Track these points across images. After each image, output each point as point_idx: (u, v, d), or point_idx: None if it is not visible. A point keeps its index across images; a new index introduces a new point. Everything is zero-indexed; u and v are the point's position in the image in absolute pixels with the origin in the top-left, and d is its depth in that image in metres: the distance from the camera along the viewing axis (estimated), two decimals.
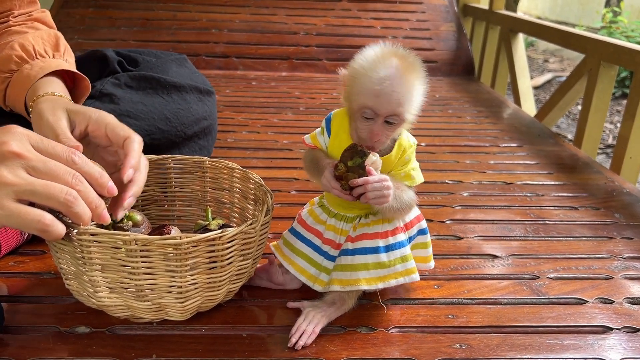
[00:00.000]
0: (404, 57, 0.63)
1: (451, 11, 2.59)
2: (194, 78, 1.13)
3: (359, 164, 0.63)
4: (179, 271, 0.61)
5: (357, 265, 0.69)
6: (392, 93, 0.61)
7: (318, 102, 1.89)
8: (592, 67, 1.60)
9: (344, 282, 0.69)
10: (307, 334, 0.67)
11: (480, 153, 1.46)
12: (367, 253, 0.69)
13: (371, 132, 0.63)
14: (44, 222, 0.54)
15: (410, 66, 0.63)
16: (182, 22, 2.37)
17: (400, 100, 0.61)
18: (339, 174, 0.64)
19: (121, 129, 0.66)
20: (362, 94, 0.62)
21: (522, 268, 0.88)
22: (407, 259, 0.70)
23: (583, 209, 1.12)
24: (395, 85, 0.61)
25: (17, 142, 0.54)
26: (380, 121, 0.63)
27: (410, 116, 0.64)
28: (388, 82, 0.61)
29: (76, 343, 0.64)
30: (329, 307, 0.70)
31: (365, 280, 0.68)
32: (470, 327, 0.72)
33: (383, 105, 0.62)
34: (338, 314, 0.71)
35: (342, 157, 0.64)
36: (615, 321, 0.74)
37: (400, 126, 0.65)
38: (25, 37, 0.82)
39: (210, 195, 0.85)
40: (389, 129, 0.64)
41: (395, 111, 0.62)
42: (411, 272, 0.70)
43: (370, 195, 0.63)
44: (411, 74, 0.62)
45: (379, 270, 0.69)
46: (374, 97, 0.61)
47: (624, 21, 4.67)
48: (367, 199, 0.64)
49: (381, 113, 0.62)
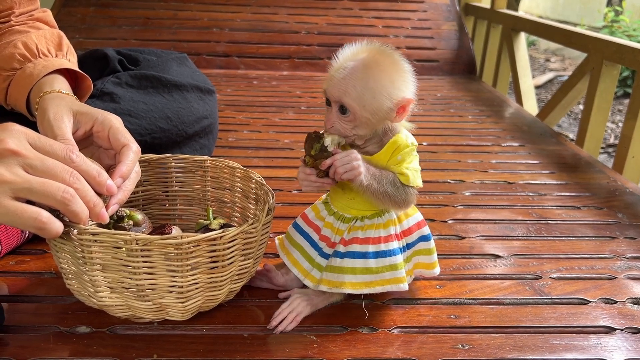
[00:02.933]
0: (379, 54, 0.64)
1: (453, 10, 2.58)
2: (194, 77, 1.12)
3: (320, 148, 0.64)
4: (180, 271, 0.61)
5: (344, 269, 0.69)
6: (341, 80, 0.63)
7: (319, 101, 1.88)
8: (595, 66, 1.59)
9: (331, 284, 0.69)
10: (288, 320, 0.68)
11: (482, 152, 1.45)
12: (356, 257, 0.69)
13: (326, 118, 0.66)
14: (41, 219, 0.53)
15: (379, 65, 0.63)
16: (183, 21, 2.37)
17: (348, 89, 0.63)
18: (311, 166, 0.66)
19: (122, 135, 0.66)
20: (325, 78, 0.66)
21: (524, 268, 0.87)
22: (397, 267, 0.69)
23: (586, 209, 1.12)
24: (348, 75, 0.63)
25: (14, 139, 0.54)
26: (334, 108, 0.65)
27: (364, 112, 0.63)
28: (342, 70, 0.63)
29: (77, 343, 0.64)
30: (317, 296, 0.71)
31: (350, 284, 0.68)
32: (472, 327, 0.72)
33: (331, 90, 0.64)
34: (325, 304, 0.72)
35: (305, 150, 0.66)
36: (619, 322, 0.74)
37: (357, 121, 0.64)
38: (28, 36, 0.82)
39: (212, 195, 0.85)
40: (343, 119, 0.65)
41: (340, 99, 0.63)
42: (399, 281, 0.69)
43: (340, 170, 0.63)
44: (376, 72, 0.63)
45: (366, 276, 0.69)
46: (327, 81, 0.65)
47: (625, 20, 4.67)
48: (339, 175, 0.64)
49: (330, 97, 0.65)
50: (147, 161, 0.82)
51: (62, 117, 0.66)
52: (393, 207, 0.69)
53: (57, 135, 0.63)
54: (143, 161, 0.81)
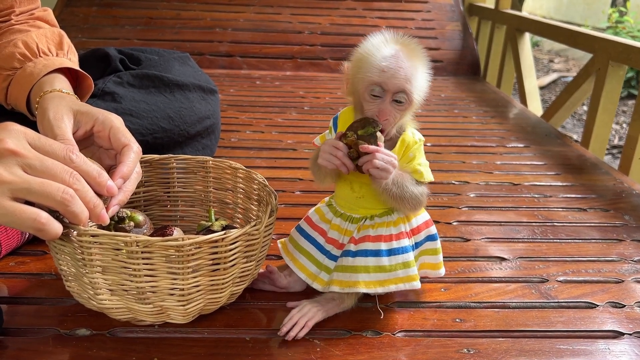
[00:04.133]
0: (405, 43, 0.65)
1: (457, 10, 2.57)
2: (197, 76, 1.11)
3: (372, 133, 0.63)
4: (181, 273, 0.60)
5: (357, 267, 0.67)
6: (399, 69, 0.62)
7: (323, 102, 1.88)
8: (601, 66, 1.58)
9: (343, 284, 0.68)
10: (299, 326, 0.66)
11: (486, 153, 1.44)
12: (368, 255, 0.67)
13: (380, 111, 0.64)
14: (40, 220, 0.53)
15: (413, 50, 0.64)
16: (186, 21, 2.36)
17: (407, 76, 0.62)
18: (347, 142, 0.64)
19: (123, 135, 0.65)
20: (369, 72, 0.63)
21: (530, 271, 0.86)
22: (410, 265, 0.68)
23: (592, 211, 1.10)
24: (401, 62, 0.62)
25: (13, 139, 0.53)
26: (389, 99, 0.63)
27: (418, 97, 0.64)
28: (393, 59, 0.62)
29: (76, 346, 0.63)
30: (327, 303, 0.69)
31: (364, 283, 0.67)
32: (478, 331, 0.70)
33: (390, 80, 0.62)
34: (336, 310, 0.70)
35: (351, 127, 0.64)
36: (627, 326, 0.73)
37: (409, 108, 0.65)
38: (28, 35, 0.81)
39: (214, 196, 0.84)
40: (397, 108, 0.64)
41: (403, 87, 0.62)
42: (412, 279, 0.68)
43: (378, 164, 0.62)
44: (414, 56, 0.64)
45: (379, 274, 0.67)
46: (381, 73, 0.62)
47: (630, 21, 4.64)
48: (372, 166, 0.62)
49: (389, 88, 0.63)
50: (149, 161, 0.81)
51: (62, 117, 0.65)
52: (407, 210, 0.68)
53: (57, 135, 0.62)
54: (144, 161, 0.80)
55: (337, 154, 0.64)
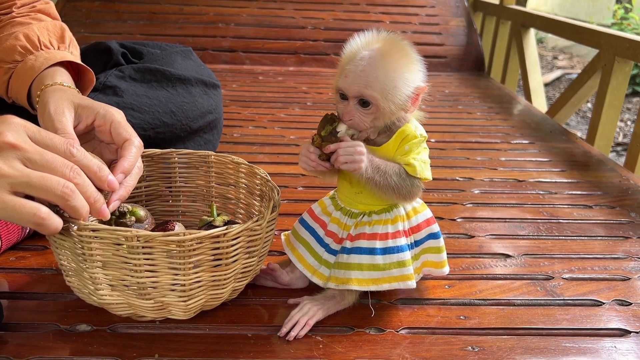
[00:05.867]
0: (391, 43, 0.63)
1: (461, 6, 2.55)
2: (199, 71, 1.11)
3: (330, 131, 0.63)
4: (182, 269, 0.59)
5: (351, 265, 0.67)
6: (360, 73, 0.61)
7: (325, 97, 1.86)
8: (607, 62, 1.56)
9: (338, 280, 0.68)
10: (300, 325, 0.65)
11: (491, 150, 1.43)
12: (362, 253, 0.67)
13: (344, 112, 0.64)
14: (40, 215, 0.52)
15: (395, 53, 0.62)
16: (189, 16, 2.35)
17: (369, 82, 0.61)
18: (316, 145, 0.64)
19: (124, 129, 0.64)
20: (337, 75, 0.64)
21: (535, 268, 0.85)
22: (405, 264, 0.67)
23: (597, 208, 1.09)
24: (367, 67, 0.61)
25: (13, 132, 0.52)
26: (352, 102, 0.63)
27: (387, 103, 0.62)
28: (359, 63, 0.62)
29: (77, 341, 0.63)
30: (328, 301, 0.69)
31: (357, 280, 0.67)
32: (482, 328, 0.70)
33: (350, 85, 0.62)
34: (337, 308, 0.69)
35: (317, 129, 0.65)
36: (633, 324, 0.72)
37: (379, 112, 0.63)
38: (30, 28, 0.80)
39: (216, 191, 0.83)
40: (364, 112, 0.63)
41: (362, 93, 0.62)
42: (407, 279, 0.68)
43: (342, 159, 0.62)
44: (392, 60, 0.62)
45: (373, 272, 0.67)
46: (343, 78, 0.63)
47: (635, 18, 4.61)
48: (339, 163, 0.62)
49: (349, 94, 0.63)
50: (150, 156, 0.80)
51: (63, 111, 0.64)
52: (398, 199, 0.68)
53: (58, 129, 0.62)
54: (146, 156, 0.79)
55: (310, 157, 0.65)
